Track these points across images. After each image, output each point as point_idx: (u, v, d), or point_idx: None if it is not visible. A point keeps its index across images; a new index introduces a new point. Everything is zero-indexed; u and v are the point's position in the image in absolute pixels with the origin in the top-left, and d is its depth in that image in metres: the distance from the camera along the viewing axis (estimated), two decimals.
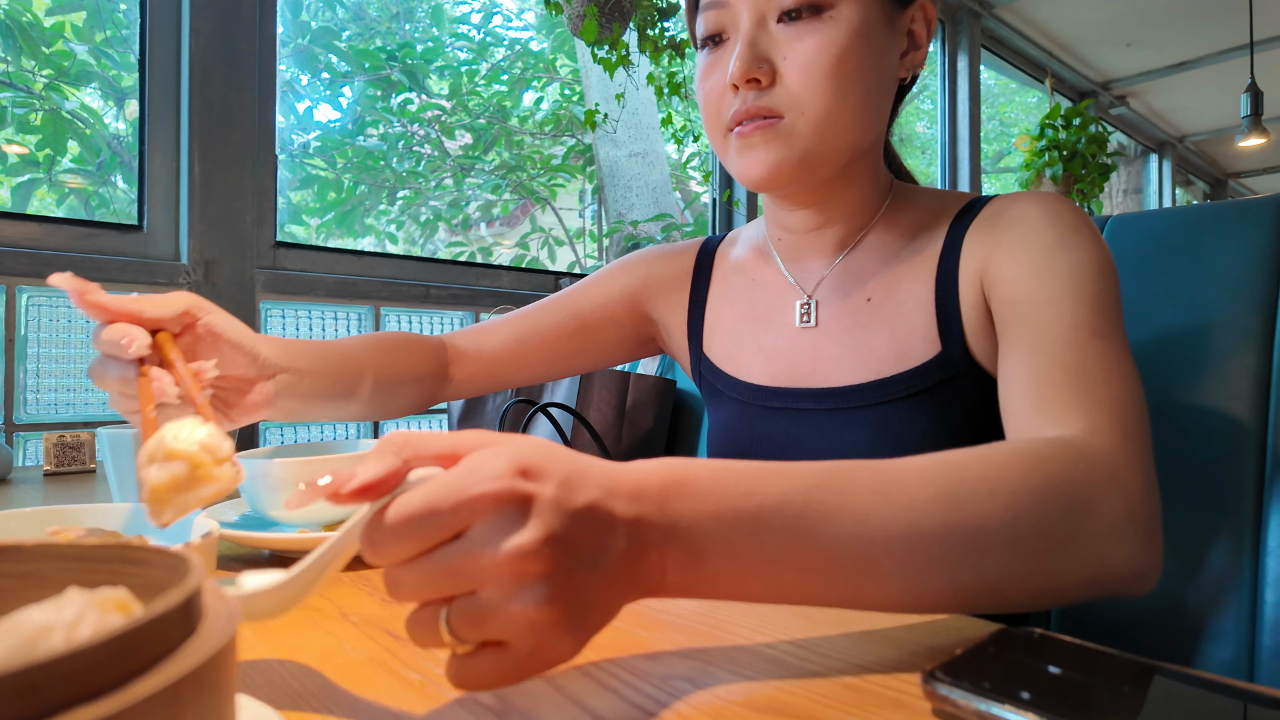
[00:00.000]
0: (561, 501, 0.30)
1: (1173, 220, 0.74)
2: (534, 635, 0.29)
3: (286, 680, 0.36)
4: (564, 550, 0.29)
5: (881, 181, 0.69)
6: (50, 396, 1.39)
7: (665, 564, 0.33)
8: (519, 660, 0.29)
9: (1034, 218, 0.59)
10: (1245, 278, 0.67)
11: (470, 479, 0.29)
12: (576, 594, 0.30)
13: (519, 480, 0.29)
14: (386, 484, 0.30)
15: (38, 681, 0.14)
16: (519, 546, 0.28)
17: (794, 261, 0.72)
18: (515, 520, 0.29)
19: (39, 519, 0.48)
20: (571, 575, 0.29)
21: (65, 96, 1.62)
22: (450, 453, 0.31)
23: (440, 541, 0.29)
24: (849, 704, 0.33)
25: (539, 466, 0.30)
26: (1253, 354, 0.66)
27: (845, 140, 0.61)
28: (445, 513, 0.28)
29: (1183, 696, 0.30)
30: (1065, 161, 3.58)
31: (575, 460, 0.32)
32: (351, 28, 2.48)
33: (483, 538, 0.28)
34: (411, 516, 0.29)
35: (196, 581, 0.19)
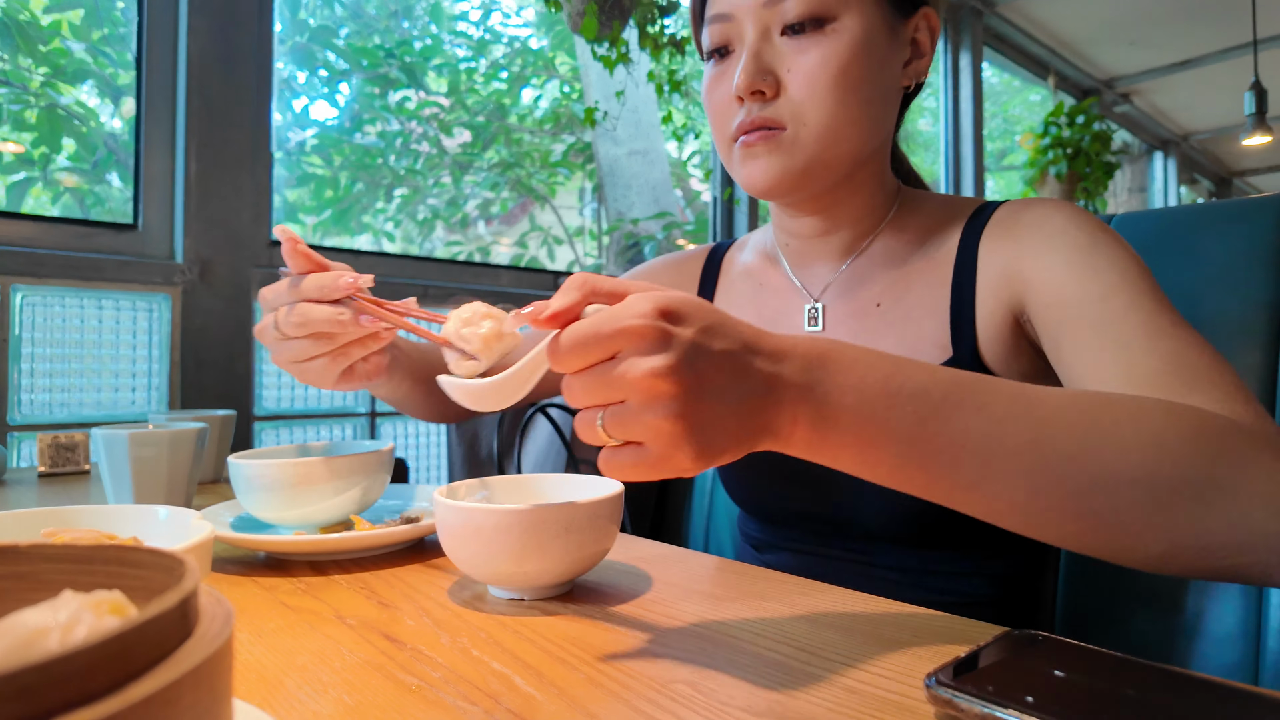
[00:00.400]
0: (698, 343, 0.36)
1: (1176, 219, 0.74)
2: (660, 441, 0.36)
3: (283, 683, 0.36)
4: (693, 380, 0.36)
5: (888, 187, 0.70)
6: (45, 397, 1.39)
7: (797, 420, 0.38)
8: (649, 460, 0.37)
9: (1056, 221, 0.59)
10: (1249, 276, 0.67)
11: (621, 314, 0.36)
12: (701, 418, 0.36)
13: (660, 320, 0.36)
14: (568, 314, 0.39)
15: (33, 684, 0.14)
16: (651, 369, 0.35)
17: (801, 266, 0.72)
18: (653, 350, 0.36)
19: (33, 520, 0.48)
20: (699, 402, 0.36)
21: (61, 94, 1.61)
22: (620, 292, 0.39)
23: (599, 360, 0.37)
24: (851, 707, 0.33)
25: (683, 313, 0.37)
26: (1257, 352, 0.66)
27: (847, 149, 0.62)
28: (600, 339, 0.36)
29: (1187, 699, 0.30)
30: (1069, 159, 3.59)
31: (723, 316, 0.38)
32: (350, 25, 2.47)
33: (627, 361, 0.36)
34: (577, 340, 0.37)
35: (192, 584, 0.18)
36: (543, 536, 0.45)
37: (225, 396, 1.53)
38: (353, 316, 0.55)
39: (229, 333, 1.54)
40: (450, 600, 0.48)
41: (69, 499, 0.85)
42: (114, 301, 1.44)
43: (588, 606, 0.47)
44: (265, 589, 0.51)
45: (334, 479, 0.60)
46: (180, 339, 1.48)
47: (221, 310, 1.53)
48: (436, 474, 1.94)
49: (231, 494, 0.86)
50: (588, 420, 0.38)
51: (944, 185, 3.60)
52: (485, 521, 0.45)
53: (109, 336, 1.44)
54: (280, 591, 0.51)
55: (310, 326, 0.56)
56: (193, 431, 0.73)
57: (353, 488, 0.61)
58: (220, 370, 1.53)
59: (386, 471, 0.65)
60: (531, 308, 0.39)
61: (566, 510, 0.46)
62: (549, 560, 0.46)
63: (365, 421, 1.83)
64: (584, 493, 0.54)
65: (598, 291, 0.39)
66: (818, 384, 0.39)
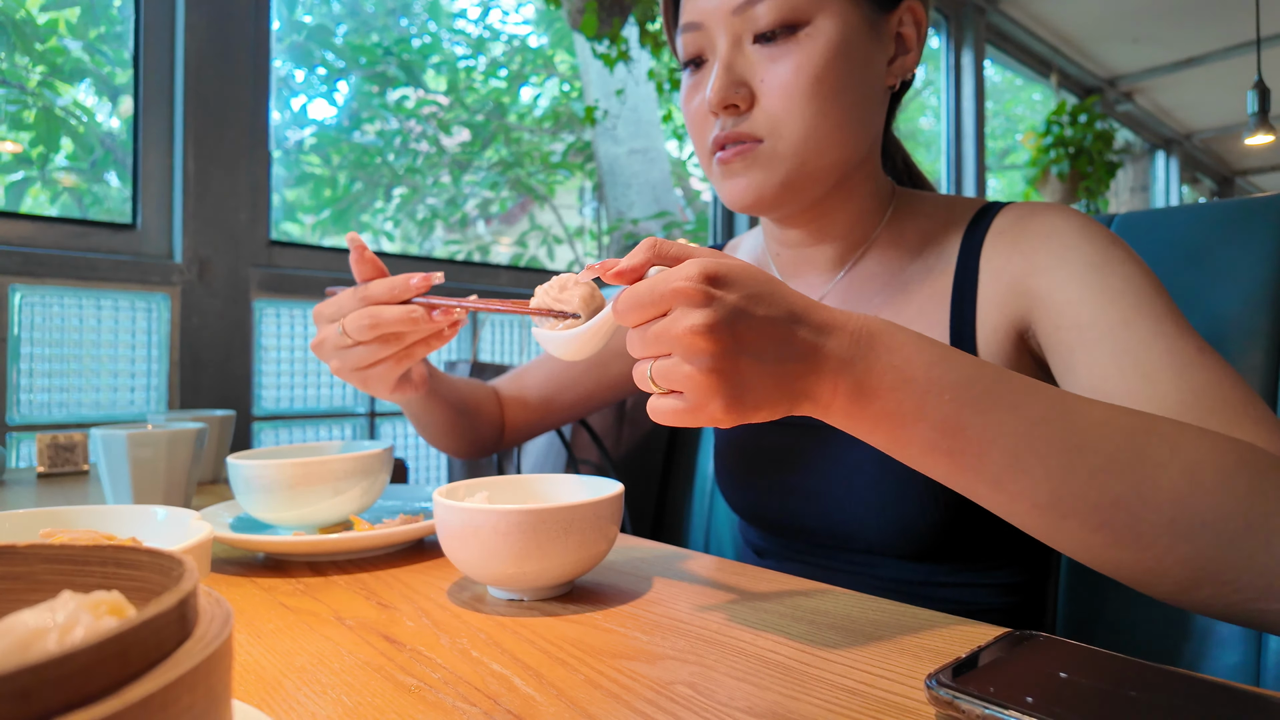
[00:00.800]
0: (741, 307, 0.38)
1: (1179, 219, 0.73)
2: (696, 391, 0.39)
3: (282, 684, 0.36)
4: (731, 339, 0.38)
5: (881, 192, 0.67)
6: (43, 397, 1.39)
7: (837, 390, 0.40)
8: (687, 407, 0.40)
9: (1066, 234, 0.56)
10: (1252, 276, 0.67)
11: (673, 276, 0.39)
12: (736, 374, 0.38)
13: (703, 284, 0.38)
14: (634, 273, 0.42)
15: (31, 685, 0.14)
16: (690, 326, 0.38)
17: (793, 277, 0.71)
18: (696, 310, 0.38)
19: (32, 521, 0.48)
20: (736, 359, 0.38)
21: (59, 93, 1.61)
22: (683, 256, 0.41)
23: (654, 317, 0.40)
24: (852, 708, 0.32)
25: (730, 278, 0.39)
26: (1259, 353, 0.66)
27: (829, 159, 0.60)
28: (654, 297, 0.39)
29: (1188, 700, 0.30)
30: (1071, 158, 3.58)
31: (773, 285, 0.40)
32: (348, 23, 2.47)
33: (673, 318, 0.39)
34: (635, 297, 0.40)
35: (191, 584, 0.18)
36: (542, 537, 0.45)
37: (224, 397, 1.53)
38: (425, 313, 0.58)
39: (228, 332, 1.53)
40: (449, 601, 0.48)
41: (67, 499, 0.85)
42: (112, 301, 1.44)
43: (587, 607, 0.47)
44: (264, 590, 0.51)
45: (333, 479, 0.60)
46: (179, 339, 1.48)
47: (220, 310, 1.53)
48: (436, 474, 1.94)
49: (230, 494, 0.86)
50: (641, 370, 0.42)
51: (945, 184, 3.60)
52: (485, 522, 0.45)
53: (107, 336, 1.44)
54: (279, 592, 0.51)
55: (383, 327, 0.58)
56: (191, 432, 0.73)
57: (352, 488, 0.61)
58: (219, 370, 1.52)
59: (386, 472, 0.65)
60: (600, 264, 0.44)
61: (566, 511, 0.46)
62: (549, 561, 0.46)
63: (365, 422, 1.83)
64: (584, 493, 0.54)
65: (663, 255, 0.42)
66: (861, 359, 0.40)
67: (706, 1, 0.60)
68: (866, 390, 0.40)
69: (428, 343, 0.61)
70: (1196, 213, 0.73)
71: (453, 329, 0.61)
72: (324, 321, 0.62)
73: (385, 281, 0.59)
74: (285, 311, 1.68)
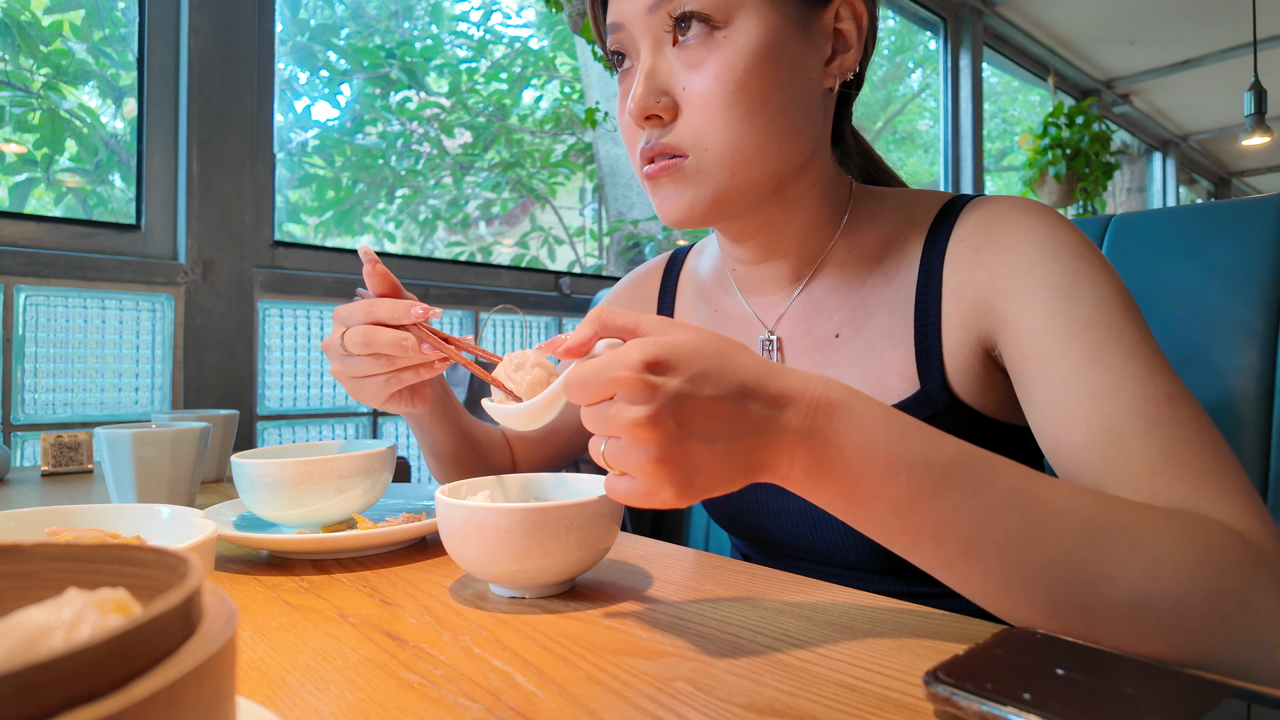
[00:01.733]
0: (685, 392, 0.38)
1: (1175, 219, 0.74)
2: (644, 479, 0.39)
3: (286, 681, 0.36)
4: (675, 427, 0.38)
5: (834, 199, 0.63)
6: (48, 396, 1.39)
7: (794, 463, 0.40)
8: (639, 492, 0.39)
9: (1029, 249, 0.52)
10: (1248, 277, 0.67)
11: (613, 364, 0.39)
12: (686, 461, 0.38)
13: (643, 373, 0.38)
14: (582, 348, 0.43)
15: (37, 682, 0.14)
16: (632, 419, 0.38)
17: (751, 294, 0.67)
18: (637, 400, 0.38)
19: (37, 519, 0.48)
20: (683, 446, 0.38)
21: (63, 95, 1.61)
22: (632, 329, 0.41)
23: (600, 400, 0.40)
24: (850, 705, 0.33)
25: (671, 363, 0.38)
26: (1255, 353, 0.66)
27: (760, 171, 0.56)
28: (598, 384, 0.39)
29: (1185, 697, 0.30)
30: (1068, 160, 3.58)
31: (720, 360, 0.39)
32: (350, 25, 2.47)
33: (617, 406, 0.39)
34: (579, 382, 0.40)
35: (196, 582, 0.18)
36: (544, 535, 0.45)
37: (227, 396, 1.53)
38: (415, 343, 0.58)
39: (231, 332, 1.54)
40: (452, 599, 0.49)
41: (72, 498, 0.85)
42: (117, 301, 1.45)
43: (589, 605, 0.47)
44: (268, 587, 0.52)
45: (336, 478, 0.60)
46: (183, 339, 1.48)
47: (224, 310, 1.53)
48: None
49: (234, 493, 0.86)
50: (595, 446, 0.42)
51: (943, 185, 3.60)
52: (487, 520, 0.45)
53: (112, 336, 1.45)
54: (283, 590, 0.51)
55: (373, 346, 0.59)
56: (195, 431, 0.74)
57: (355, 487, 0.61)
58: (223, 370, 1.53)
59: (389, 470, 0.65)
60: (551, 341, 0.44)
61: (568, 509, 0.46)
62: (550, 559, 0.46)
63: (368, 421, 1.83)
64: (585, 492, 0.55)
65: (608, 326, 0.42)
66: (818, 431, 0.39)
67: (624, 7, 0.56)
68: (823, 465, 0.39)
69: (416, 370, 0.61)
70: (1193, 214, 0.73)
71: (442, 363, 0.61)
72: (339, 324, 0.62)
73: (391, 303, 0.60)
74: (289, 311, 1.69)
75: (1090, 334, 0.47)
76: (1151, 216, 0.75)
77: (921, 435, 0.40)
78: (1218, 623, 0.37)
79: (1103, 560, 0.38)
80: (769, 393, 0.39)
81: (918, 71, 4.10)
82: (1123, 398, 0.45)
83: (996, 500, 0.38)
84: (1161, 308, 0.72)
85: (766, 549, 0.69)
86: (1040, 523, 0.38)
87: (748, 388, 0.39)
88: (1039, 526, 0.38)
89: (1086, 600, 0.38)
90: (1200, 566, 0.38)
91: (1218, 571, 0.38)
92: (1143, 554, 0.38)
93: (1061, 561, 0.38)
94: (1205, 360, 0.69)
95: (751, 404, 0.39)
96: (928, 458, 0.39)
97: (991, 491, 0.39)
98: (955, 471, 0.39)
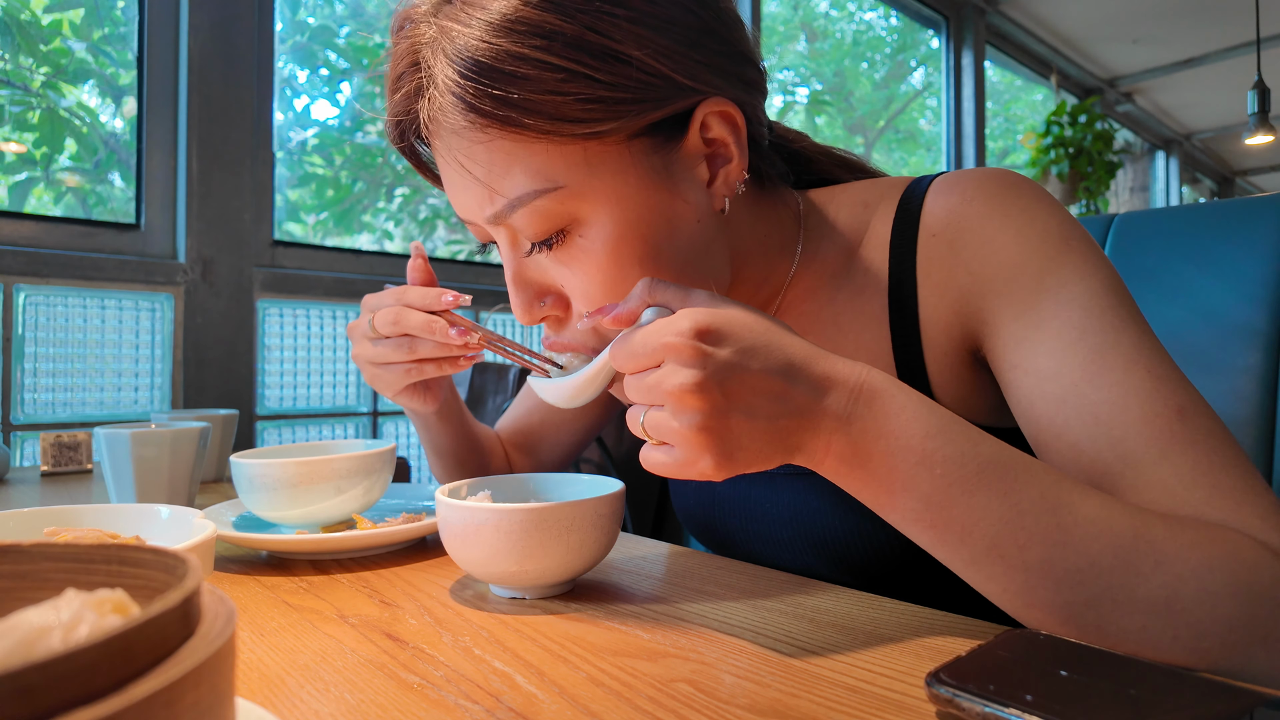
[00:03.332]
0: (733, 363, 0.38)
1: (1178, 218, 0.73)
2: (685, 448, 0.39)
3: (285, 682, 0.36)
4: (721, 397, 0.37)
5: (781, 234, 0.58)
6: (47, 396, 1.39)
7: (830, 449, 0.39)
8: (676, 462, 0.39)
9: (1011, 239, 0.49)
10: (1252, 277, 0.67)
11: (665, 330, 0.39)
12: (726, 432, 0.38)
13: (694, 340, 0.38)
14: (630, 317, 0.43)
15: (35, 683, 0.14)
16: (680, 384, 0.37)
17: None
18: (686, 366, 0.38)
19: (36, 519, 0.48)
20: (726, 418, 0.38)
21: (63, 94, 1.61)
22: (682, 299, 0.41)
23: (647, 367, 0.40)
24: (852, 706, 0.33)
25: (724, 332, 0.38)
26: (1258, 353, 0.66)
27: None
28: (647, 351, 0.39)
29: (1187, 699, 0.30)
30: (1071, 159, 3.58)
31: (770, 336, 0.39)
32: (350, 24, 2.47)
33: (664, 373, 0.38)
34: (628, 349, 0.40)
35: (194, 583, 0.18)
36: (544, 536, 0.45)
37: (227, 396, 1.53)
38: (444, 326, 0.57)
39: (231, 332, 1.54)
40: (452, 599, 0.48)
41: (71, 498, 0.85)
42: (116, 301, 1.45)
43: (589, 605, 0.47)
44: (267, 588, 0.52)
45: (336, 478, 0.60)
46: (182, 338, 1.48)
47: (223, 309, 1.53)
48: None
49: (234, 493, 0.86)
50: (634, 416, 0.42)
51: None
52: (487, 521, 0.45)
53: (111, 336, 1.44)
54: (282, 590, 0.51)
55: (403, 327, 0.58)
56: (195, 431, 0.74)
57: (355, 487, 0.61)
58: (222, 370, 1.53)
59: (388, 471, 0.65)
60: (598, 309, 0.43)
61: (568, 509, 0.46)
62: (551, 559, 0.46)
63: (368, 421, 1.83)
64: (586, 492, 0.54)
65: (657, 294, 0.42)
66: (858, 419, 0.39)
67: (462, 209, 0.51)
68: (859, 452, 0.39)
69: (439, 364, 0.59)
70: (1196, 213, 0.73)
71: (468, 360, 0.60)
72: (366, 309, 0.61)
73: (422, 289, 0.58)
74: (289, 311, 1.69)
75: (1085, 343, 0.44)
76: (1154, 216, 0.75)
77: (959, 431, 0.39)
78: (1236, 649, 0.36)
79: (1125, 573, 0.37)
80: (814, 374, 0.39)
81: (920, 70, 4.10)
82: (1130, 419, 0.42)
83: (1026, 503, 0.38)
84: (1164, 308, 0.72)
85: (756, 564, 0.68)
86: (1068, 529, 0.38)
87: (795, 366, 0.39)
88: (1066, 532, 0.38)
89: (1104, 611, 0.37)
90: (1226, 592, 0.36)
91: (1244, 600, 0.36)
92: (1166, 572, 0.37)
93: (1084, 569, 0.37)
94: (1208, 361, 0.69)
95: (796, 383, 0.39)
96: (963, 454, 0.38)
97: (1023, 494, 0.38)
98: (989, 470, 0.38)
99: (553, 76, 0.44)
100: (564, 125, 0.45)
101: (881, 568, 0.57)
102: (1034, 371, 0.46)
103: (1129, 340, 0.44)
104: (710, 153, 0.50)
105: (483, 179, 0.47)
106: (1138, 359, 0.43)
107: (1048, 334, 0.46)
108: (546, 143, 0.45)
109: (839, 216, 0.58)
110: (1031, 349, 0.46)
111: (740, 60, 0.51)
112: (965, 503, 0.38)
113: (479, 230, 0.53)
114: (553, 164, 0.46)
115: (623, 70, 0.45)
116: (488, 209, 0.49)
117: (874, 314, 0.55)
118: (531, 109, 0.44)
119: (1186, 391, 0.43)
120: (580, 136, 0.45)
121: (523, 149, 0.46)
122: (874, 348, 0.55)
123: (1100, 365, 0.43)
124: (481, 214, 0.49)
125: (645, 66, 0.45)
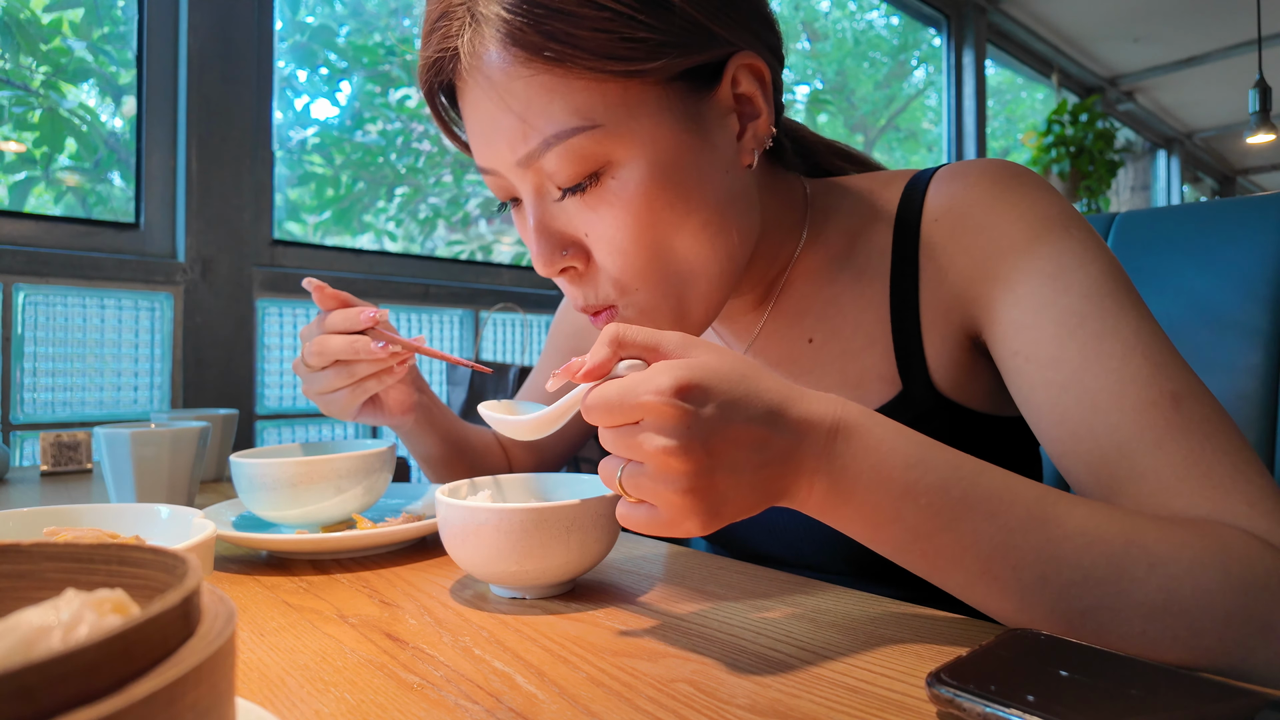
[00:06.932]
0: (717, 421, 0.36)
1: (1180, 217, 0.73)
2: (670, 511, 0.37)
3: (285, 682, 0.36)
4: (706, 457, 0.36)
5: (790, 215, 0.59)
6: (47, 396, 1.39)
7: (813, 490, 0.39)
8: (659, 522, 0.38)
9: (1012, 226, 0.49)
10: (1253, 275, 0.67)
11: (641, 388, 0.36)
12: (714, 491, 0.37)
13: (675, 399, 0.36)
14: (600, 370, 0.39)
15: (35, 683, 0.14)
16: (663, 448, 0.36)
17: (722, 320, 0.64)
18: (668, 427, 0.36)
19: (36, 519, 0.48)
20: (711, 477, 0.36)
21: (62, 94, 1.61)
22: (653, 347, 0.39)
23: (626, 424, 0.38)
24: (853, 707, 0.33)
25: (705, 387, 0.36)
26: (1260, 352, 0.66)
27: (708, 284, 0.51)
28: (623, 408, 0.37)
29: (1189, 699, 0.30)
30: (1072, 158, 3.59)
31: (750, 385, 0.38)
32: (350, 23, 2.47)
33: (645, 434, 0.36)
34: (602, 405, 0.38)
35: (194, 582, 0.18)
36: (545, 536, 0.45)
37: (227, 395, 1.53)
38: (367, 343, 0.58)
39: (230, 331, 1.54)
40: (452, 599, 0.48)
41: (71, 498, 0.85)
42: (116, 300, 1.45)
43: (589, 606, 0.47)
44: (267, 588, 0.51)
45: (336, 478, 0.60)
46: (182, 338, 1.48)
47: (223, 309, 1.53)
48: None
49: (233, 493, 0.86)
50: (610, 470, 0.40)
51: None
52: (487, 520, 0.45)
53: (111, 335, 1.44)
54: (282, 590, 0.51)
55: (329, 355, 0.59)
56: (195, 430, 0.74)
57: (355, 487, 0.61)
58: (222, 369, 1.53)
59: (388, 470, 0.65)
60: (565, 368, 0.40)
61: (569, 510, 0.46)
62: (551, 559, 0.46)
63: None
64: (586, 492, 0.54)
65: (627, 345, 0.39)
66: (837, 457, 0.38)
67: (489, 156, 0.50)
68: (842, 490, 0.38)
69: (379, 377, 0.61)
70: (1198, 212, 0.73)
71: (401, 366, 0.61)
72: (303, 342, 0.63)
73: (342, 313, 0.60)
74: (288, 310, 1.69)
75: (1085, 329, 0.45)
76: (1155, 215, 0.75)
77: (940, 458, 0.39)
78: (1235, 644, 0.37)
79: (1120, 580, 0.37)
80: (793, 417, 0.38)
81: (921, 69, 4.10)
82: (1126, 406, 0.42)
83: (1015, 523, 0.38)
84: (1165, 306, 0.72)
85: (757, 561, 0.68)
86: (1058, 543, 0.38)
87: (775, 412, 0.37)
88: (1057, 547, 0.38)
89: (1102, 619, 0.37)
90: (1220, 587, 0.37)
91: (1239, 593, 0.37)
92: (1161, 574, 0.37)
93: (1079, 582, 0.37)
94: (1210, 360, 0.69)
95: (777, 430, 0.37)
96: (946, 481, 0.38)
97: (1010, 514, 0.38)
98: (973, 494, 0.38)
99: (599, 15, 0.45)
100: (607, 62, 0.45)
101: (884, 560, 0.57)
102: (1035, 358, 0.46)
103: (1128, 327, 0.44)
104: (739, 108, 0.51)
105: (521, 114, 0.47)
106: (1135, 344, 0.44)
107: (1048, 319, 0.46)
108: (588, 79, 0.46)
109: (844, 202, 0.59)
110: (1033, 336, 0.46)
111: (766, 25, 0.52)
112: (954, 529, 0.38)
113: (501, 182, 0.52)
114: (592, 101, 0.46)
115: (665, 16, 0.46)
116: (520, 149, 0.48)
117: (874, 298, 0.56)
118: (577, 44, 0.45)
119: (1184, 377, 0.43)
120: (621, 74, 0.46)
121: (564, 84, 0.46)
122: (873, 331, 0.55)
123: (1098, 351, 0.44)
124: (513, 155, 0.49)
125: (685, 15, 0.47)
